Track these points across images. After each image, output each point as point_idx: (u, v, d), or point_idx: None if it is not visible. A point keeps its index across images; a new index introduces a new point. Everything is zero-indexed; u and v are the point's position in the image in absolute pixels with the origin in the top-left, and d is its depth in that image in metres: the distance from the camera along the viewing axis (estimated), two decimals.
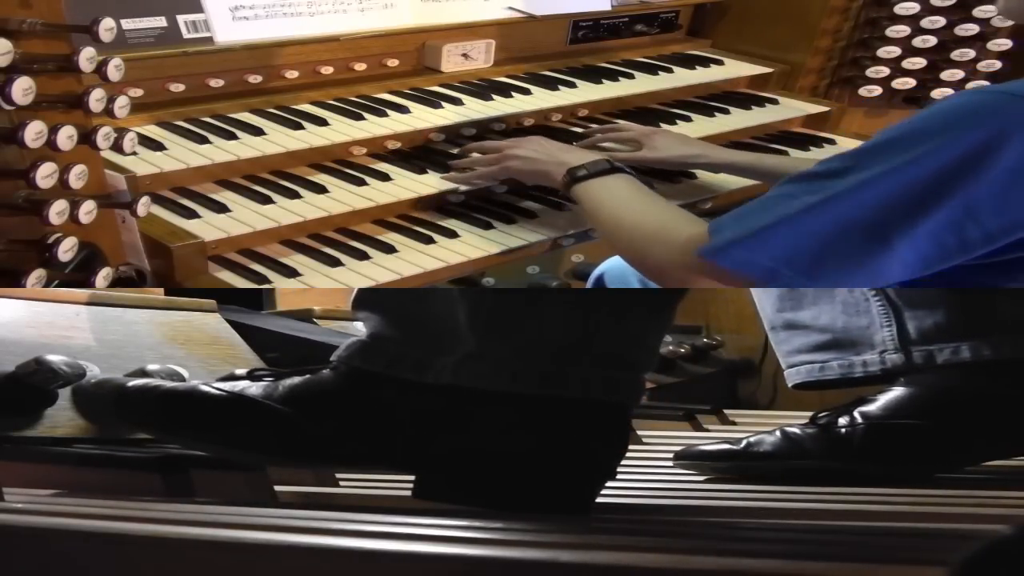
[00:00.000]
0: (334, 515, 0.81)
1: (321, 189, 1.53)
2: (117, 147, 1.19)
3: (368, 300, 1.09)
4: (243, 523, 0.73)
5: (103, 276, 1.17)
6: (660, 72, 2.14)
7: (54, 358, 1.03)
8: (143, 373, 1.07)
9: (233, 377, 1.12)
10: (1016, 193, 0.99)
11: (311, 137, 1.62)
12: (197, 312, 1.24)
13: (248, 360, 1.23)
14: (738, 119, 2.03)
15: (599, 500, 1.04)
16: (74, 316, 1.11)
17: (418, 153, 1.71)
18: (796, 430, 1.36)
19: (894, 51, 2.25)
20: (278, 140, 1.59)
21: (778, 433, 1.36)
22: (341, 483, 1.17)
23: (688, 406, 1.90)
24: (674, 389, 2.26)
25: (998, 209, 1.00)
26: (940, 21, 2.23)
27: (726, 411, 1.95)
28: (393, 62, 1.90)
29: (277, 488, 1.05)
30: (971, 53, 2.26)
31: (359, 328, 1.16)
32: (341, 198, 1.52)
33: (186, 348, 1.21)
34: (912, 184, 1.01)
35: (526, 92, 1.92)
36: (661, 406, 1.95)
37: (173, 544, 0.63)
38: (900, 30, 2.24)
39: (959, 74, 2.27)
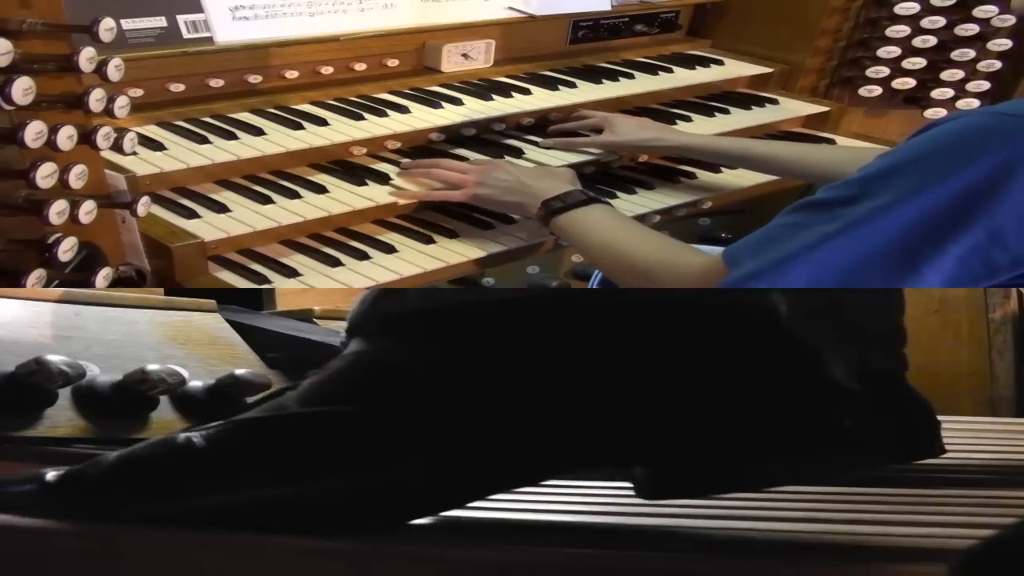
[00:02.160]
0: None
1: (321, 189, 1.53)
2: (117, 147, 1.19)
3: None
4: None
5: (103, 276, 1.17)
6: (660, 72, 2.14)
7: (54, 358, 1.03)
8: (143, 373, 1.06)
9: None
10: None
11: (311, 137, 1.62)
12: (197, 312, 1.24)
13: (248, 360, 1.23)
14: (738, 119, 2.04)
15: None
16: (74, 316, 1.11)
17: (418, 153, 1.71)
18: None
19: (894, 51, 2.26)
20: (278, 140, 1.59)
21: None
22: None
23: None
24: None
25: (1023, 235, 0.99)
26: (940, 21, 2.23)
27: None
28: (393, 62, 1.90)
29: None
30: (971, 53, 2.26)
31: None
32: (341, 198, 1.52)
33: (186, 348, 1.21)
34: (929, 211, 1.00)
35: (526, 92, 1.92)
36: None
37: (172, 544, 0.63)
38: (900, 30, 2.24)
39: (959, 74, 2.27)
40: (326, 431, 0.75)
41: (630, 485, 0.82)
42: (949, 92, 2.29)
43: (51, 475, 0.80)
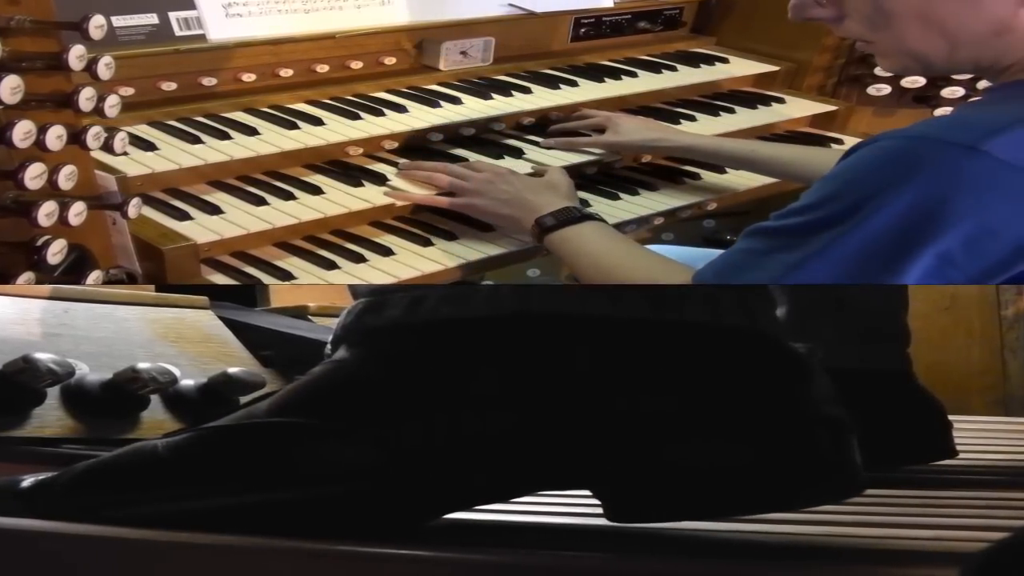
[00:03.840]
0: None
1: (316, 190, 1.53)
2: (107, 147, 1.19)
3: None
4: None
5: (93, 279, 1.18)
6: (664, 70, 2.14)
7: (42, 356, 1.03)
8: (133, 372, 1.06)
9: None
10: (984, 243, 1.01)
11: (306, 137, 1.62)
12: (189, 309, 1.24)
13: (242, 358, 1.23)
14: (744, 118, 2.04)
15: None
16: (63, 313, 1.11)
17: (416, 154, 1.71)
18: None
19: None
20: (272, 140, 1.59)
21: None
22: None
23: None
24: None
25: (972, 257, 1.01)
26: None
27: None
28: (390, 60, 1.90)
29: None
30: None
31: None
32: (337, 199, 1.52)
33: (178, 346, 1.21)
34: (875, 238, 1.03)
35: (527, 91, 1.93)
36: None
37: (163, 546, 0.63)
38: None
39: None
40: (286, 442, 0.78)
41: None
42: (960, 91, 2.28)
43: (26, 482, 0.84)
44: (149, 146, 1.51)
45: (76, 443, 1.07)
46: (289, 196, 1.50)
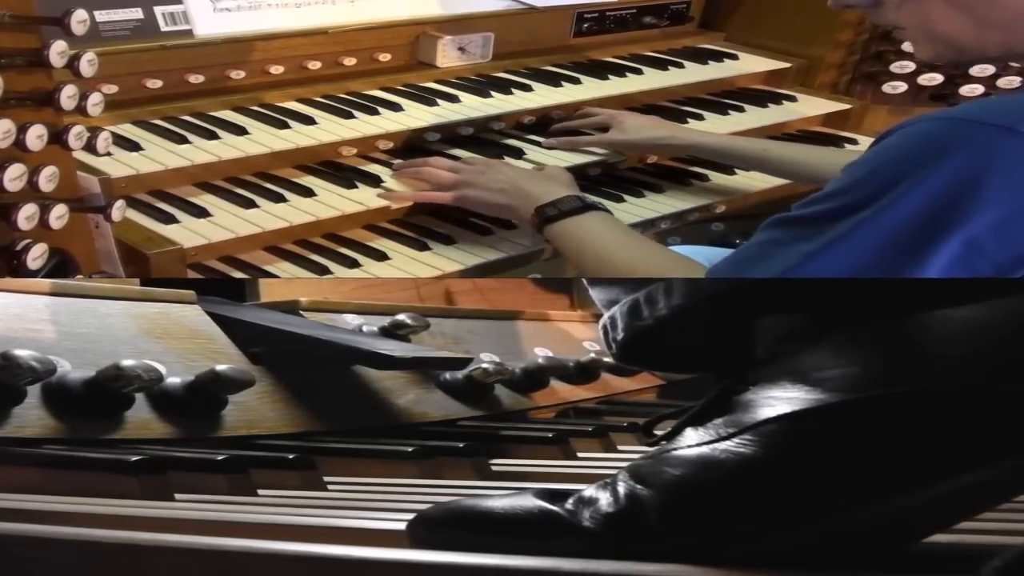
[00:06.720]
0: (321, 520, 0.81)
1: (308, 192, 1.53)
2: (90, 147, 1.20)
3: None
4: (223, 528, 0.73)
5: None
6: (670, 67, 2.15)
7: (23, 352, 1.03)
8: (117, 369, 1.06)
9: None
10: (1015, 227, 1.01)
11: (297, 137, 1.63)
12: (175, 304, 1.23)
13: (230, 355, 1.23)
14: (754, 117, 2.04)
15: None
16: (44, 308, 1.11)
17: (412, 154, 1.71)
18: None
19: None
20: (262, 140, 1.60)
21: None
22: (329, 487, 1.16)
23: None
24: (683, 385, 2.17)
25: (1002, 242, 1.01)
26: None
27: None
28: (385, 56, 1.90)
29: (260, 492, 1.05)
30: None
31: (358, 320, 1.13)
32: (330, 202, 1.53)
33: (163, 342, 1.20)
34: (903, 222, 1.02)
35: (527, 89, 1.93)
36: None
37: (149, 551, 0.63)
38: None
39: (989, 69, 2.27)
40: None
41: None
42: (979, 88, 2.29)
43: (587, 522, 0.69)
44: (134, 146, 1.52)
45: (58, 443, 1.06)
46: (279, 198, 1.51)
